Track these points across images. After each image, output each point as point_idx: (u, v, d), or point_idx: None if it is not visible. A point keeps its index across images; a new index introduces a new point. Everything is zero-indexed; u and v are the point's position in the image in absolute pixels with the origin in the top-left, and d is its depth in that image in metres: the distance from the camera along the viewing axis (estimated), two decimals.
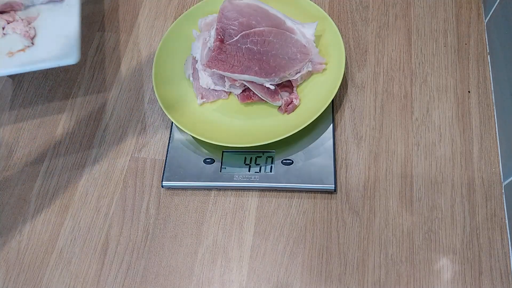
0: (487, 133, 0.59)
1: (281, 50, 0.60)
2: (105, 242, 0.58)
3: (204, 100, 0.62)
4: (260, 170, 0.58)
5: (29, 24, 0.64)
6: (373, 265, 0.53)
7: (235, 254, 0.55)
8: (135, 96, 0.68)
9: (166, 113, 0.60)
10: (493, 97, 0.61)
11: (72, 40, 0.61)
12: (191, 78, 0.64)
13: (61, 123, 0.67)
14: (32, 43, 0.62)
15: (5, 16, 0.64)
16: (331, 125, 0.60)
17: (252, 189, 0.59)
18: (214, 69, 0.58)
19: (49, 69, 0.72)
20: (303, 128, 0.57)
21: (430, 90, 0.63)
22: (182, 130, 0.61)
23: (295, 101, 0.60)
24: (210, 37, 0.63)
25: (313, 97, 0.60)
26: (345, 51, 0.65)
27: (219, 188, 0.59)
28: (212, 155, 0.60)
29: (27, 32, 0.62)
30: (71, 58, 0.59)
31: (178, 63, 0.66)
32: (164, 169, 0.60)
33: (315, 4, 0.66)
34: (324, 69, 0.62)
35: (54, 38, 0.62)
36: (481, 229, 0.54)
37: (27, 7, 0.66)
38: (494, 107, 0.60)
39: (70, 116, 0.67)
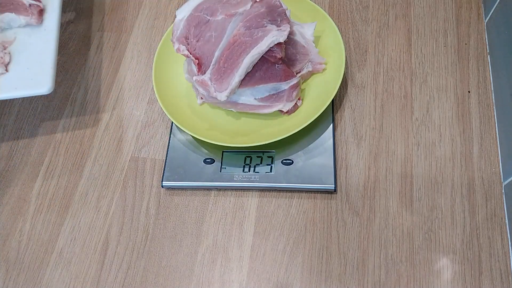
0: (487, 133, 0.59)
1: None
2: (105, 242, 0.58)
3: (204, 100, 0.62)
4: (260, 170, 0.58)
5: (5, 49, 0.61)
6: (373, 265, 0.53)
7: (235, 254, 0.55)
8: (135, 96, 0.68)
9: (166, 113, 0.60)
10: (493, 97, 0.61)
11: (46, 68, 0.58)
12: None
13: (61, 123, 0.67)
14: (6, 70, 0.60)
15: None
16: (331, 125, 0.60)
17: (252, 189, 0.59)
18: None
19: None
20: (303, 128, 0.57)
21: (430, 90, 0.63)
22: (182, 130, 0.61)
23: (297, 102, 0.60)
24: None
25: (313, 97, 0.60)
26: (345, 51, 0.65)
27: (219, 188, 0.59)
28: (212, 155, 0.60)
29: (2, 58, 0.60)
30: (44, 88, 0.57)
31: (178, 63, 0.66)
32: (164, 169, 0.60)
33: (315, 4, 0.66)
34: (324, 69, 0.62)
35: (28, 65, 0.60)
36: (481, 229, 0.54)
37: (4, 29, 0.63)
38: (494, 107, 0.60)
39: (70, 116, 0.67)
